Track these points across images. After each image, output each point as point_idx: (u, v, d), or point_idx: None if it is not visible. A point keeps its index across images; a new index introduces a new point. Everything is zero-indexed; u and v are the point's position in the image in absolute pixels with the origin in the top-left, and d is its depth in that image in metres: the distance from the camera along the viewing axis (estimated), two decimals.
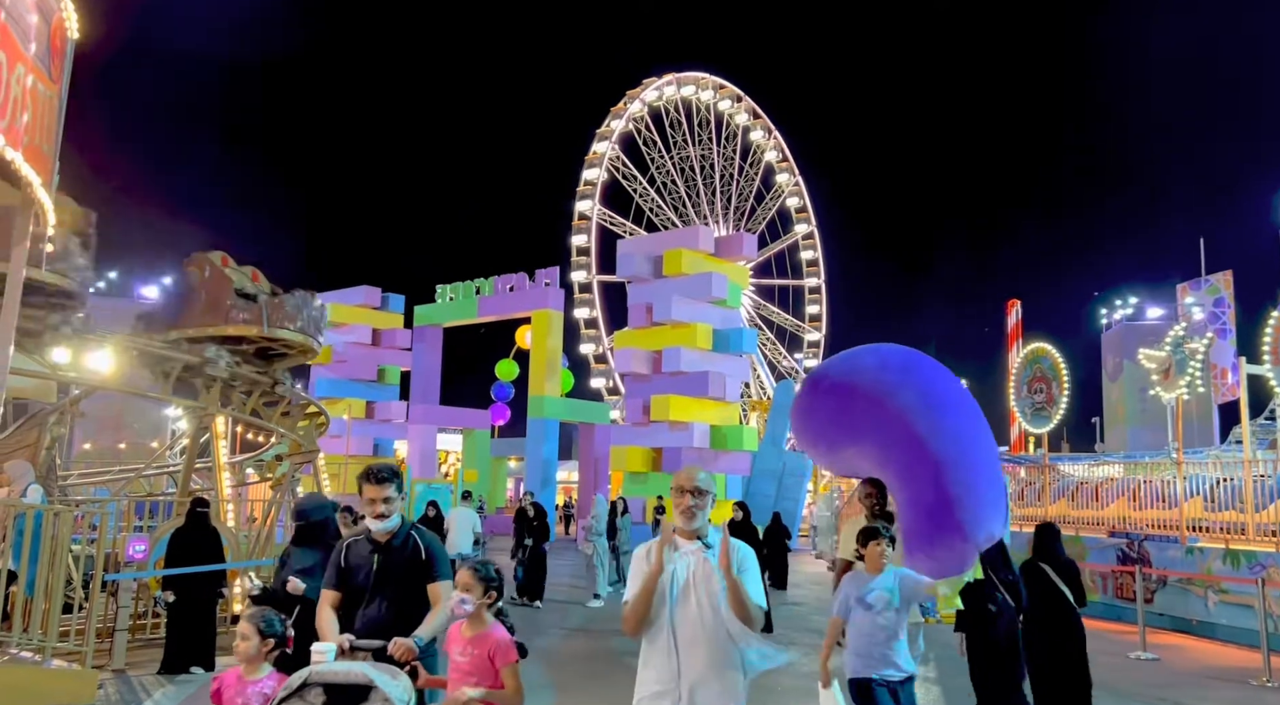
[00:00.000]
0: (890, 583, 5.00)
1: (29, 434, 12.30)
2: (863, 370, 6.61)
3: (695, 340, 29.64)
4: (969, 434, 6.28)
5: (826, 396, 6.69)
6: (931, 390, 6.37)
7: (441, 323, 38.03)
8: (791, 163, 53.55)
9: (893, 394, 6.23)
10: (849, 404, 6.39)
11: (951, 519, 5.83)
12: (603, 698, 8.27)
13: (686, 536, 3.55)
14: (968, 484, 5.95)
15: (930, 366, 6.66)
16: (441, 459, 42.96)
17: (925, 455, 5.99)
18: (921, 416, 6.08)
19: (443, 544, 4.52)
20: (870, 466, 6.29)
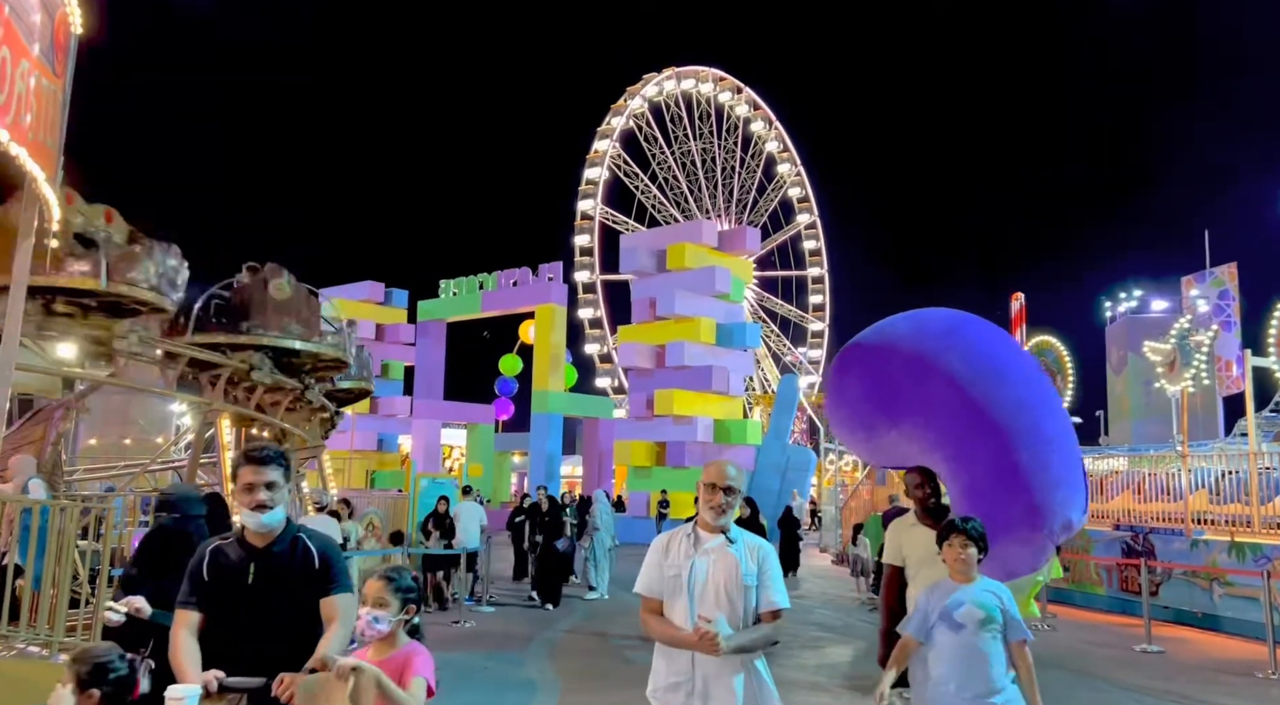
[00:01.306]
0: (985, 596, 4.00)
1: (34, 429, 12.33)
2: (898, 337, 5.44)
3: (698, 334, 29.64)
4: (1035, 401, 5.07)
5: (857, 372, 5.52)
6: (984, 352, 5.20)
7: (445, 318, 38.05)
8: (793, 153, 53.51)
9: (936, 360, 5.08)
10: (884, 378, 5.24)
11: (1020, 506, 4.71)
12: (607, 691, 8.29)
13: (710, 530, 3.52)
14: (1038, 461, 4.80)
15: (980, 326, 5.48)
16: (445, 454, 43.00)
17: (982, 430, 4.85)
18: (974, 384, 4.92)
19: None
20: (918, 452, 5.15)
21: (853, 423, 5.60)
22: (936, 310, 5.62)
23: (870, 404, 5.35)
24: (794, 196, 53.83)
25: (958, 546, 4.03)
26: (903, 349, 5.28)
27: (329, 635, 3.17)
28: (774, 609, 3.46)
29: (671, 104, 51.65)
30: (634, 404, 31.38)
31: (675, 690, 3.39)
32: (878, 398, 5.28)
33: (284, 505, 3.28)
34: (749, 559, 3.47)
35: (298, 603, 3.25)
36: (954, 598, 3.99)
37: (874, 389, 5.32)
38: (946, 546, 4.06)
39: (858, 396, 5.44)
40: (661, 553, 3.56)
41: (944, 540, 4.07)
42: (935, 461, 5.04)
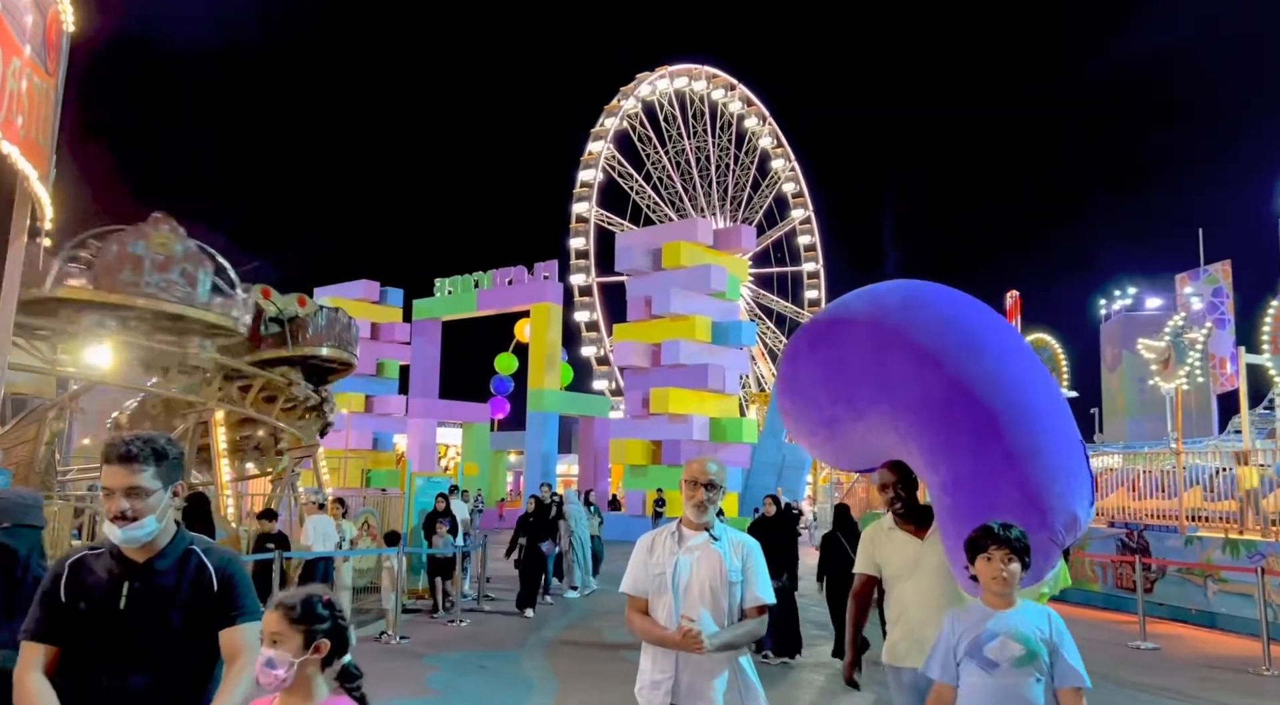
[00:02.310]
0: (1027, 625, 3.13)
1: (28, 429, 12.30)
2: (853, 313, 4.58)
3: (694, 333, 29.64)
4: (1019, 375, 4.16)
5: (810, 359, 4.63)
6: (953, 322, 4.31)
7: (440, 316, 38.01)
8: (786, 148, 53.54)
9: (899, 335, 4.23)
10: (842, 362, 4.40)
11: (1012, 501, 3.76)
12: (602, 689, 8.28)
13: (694, 527, 3.53)
14: (1029, 446, 3.89)
15: (946, 293, 4.60)
16: (441, 453, 42.96)
17: (959, 413, 3.98)
18: (944, 359, 4.10)
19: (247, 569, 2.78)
20: (891, 446, 4.30)
21: (811, 420, 4.67)
22: (896, 281, 4.76)
23: (829, 394, 4.46)
24: (788, 192, 53.89)
25: (998, 562, 3.15)
26: (859, 325, 4.43)
27: (229, 680, 2.49)
28: (759, 605, 3.47)
29: (665, 103, 51.67)
30: (630, 402, 31.37)
31: (659, 688, 3.39)
32: (838, 386, 4.41)
33: (161, 514, 2.54)
34: (733, 556, 3.47)
35: (187, 635, 2.52)
36: (988, 627, 3.14)
37: (832, 376, 4.45)
38: (982, 561, 3.18)
39: (813, 387, 4.57)
40: (646, 552, 3.56)
41: (978, 552, 3.19)
42: (911, 455, 4.19)
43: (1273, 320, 19.89)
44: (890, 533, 4.22)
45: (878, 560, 4.23)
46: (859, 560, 4.32)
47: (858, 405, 4.32)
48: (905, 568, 4.09)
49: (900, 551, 4.14)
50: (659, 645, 3.42)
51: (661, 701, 3.37)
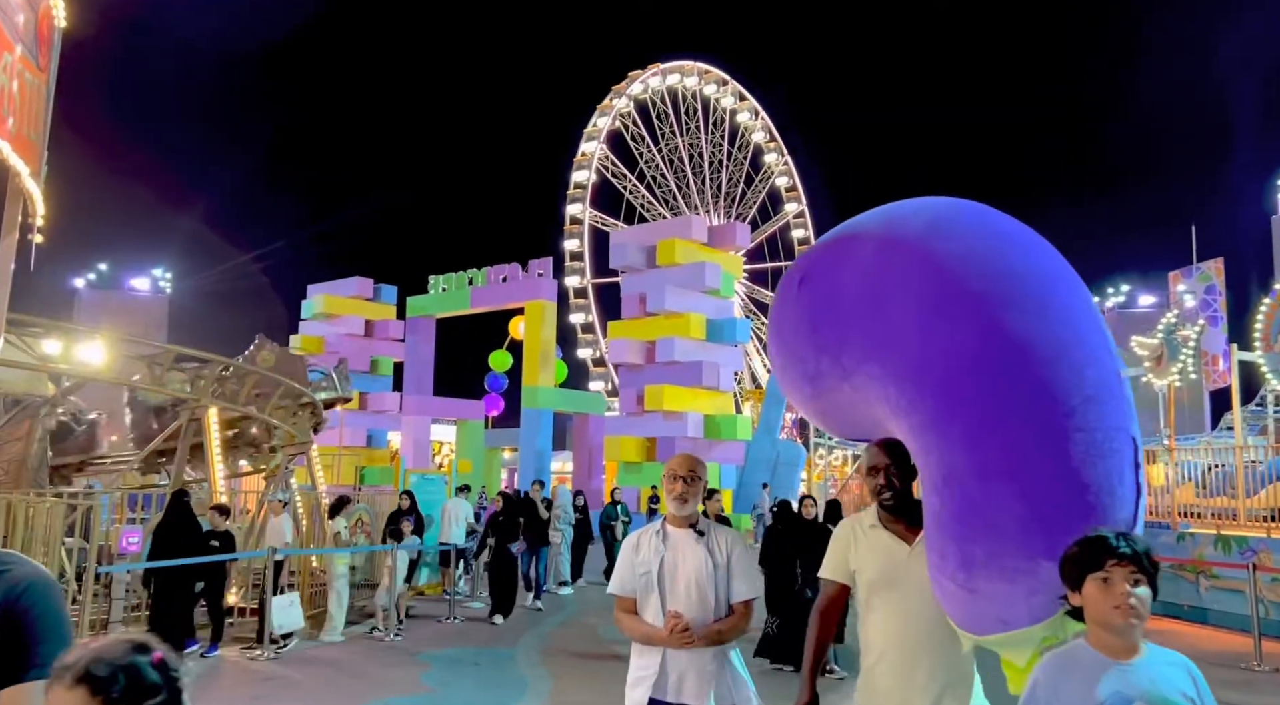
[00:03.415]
0: (1166, 682, 2.17)
1: (20, 426, 12.26)
2: (861, 234, 3.35)
3: (689, 330, 29.66)
4: (1084, 336, 2.89)
5: (801, 294, 3.47)
6: (1002, 258, 3.02)
7: (434, 313, 37.96)
8: (779, 142, 53.56)
9: (916, 267, 3.02)
10: (836, 299, 3.28)
11: (1018, 517, 2.74)
12: (596, 686, 8.29)
13: (678, 524, 3.54)
14: (1059, 446, 2.75)
15: (1002, 224, 3.21)
16: (435, 450, 42.93)
17: (971, 386, 2.83)
18: (966, 309, 2.88)
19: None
20: (883, 419, 3.24)
21: (794, 373, 3.55)
22: (927, 199, 3.39)
23: (813, 344, 3.36)
24: (782, 186, 53.92)
25: (1121, 583, 2.18)
26: (859, 256, 3.21)
27: None
28: (745, 599, 3.49)
29: (657, 101, 51.65)
30: (624, 399, 31.40)
31: (647, 684, 3.40)
32: (824, 334, 3.30)
33: None
34: (718, 551, 3.49)
35: None
36: (1110, 687, 2.14)
37: (819, 320, 3.33)
38: (1095, 584, 2.22)
39: (799, 332, 3.46)
40: (632, 551, 3.57)
41: (1086, 572, 2.24)
42: (903, 432, 3.10)
43: (1265, 317, 19.99)
44: (871, 531, 3.26)
45: (852, 566, 3.28)
46: (827, 563, 3.35)
47: (843, 361, 3.22)
48: (884, 578, 3.18)
49: (881, 556, 3.21)
50: (648, 642, 3.43)
51: (642, 697, 3.38)
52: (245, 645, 9.81)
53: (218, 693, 8.07)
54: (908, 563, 3.17)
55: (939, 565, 2.92)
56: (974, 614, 2.87)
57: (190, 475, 13.21)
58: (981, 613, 2.84)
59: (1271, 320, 19.87)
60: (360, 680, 8.59)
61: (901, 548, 3.21)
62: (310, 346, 36.42)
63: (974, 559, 2.78)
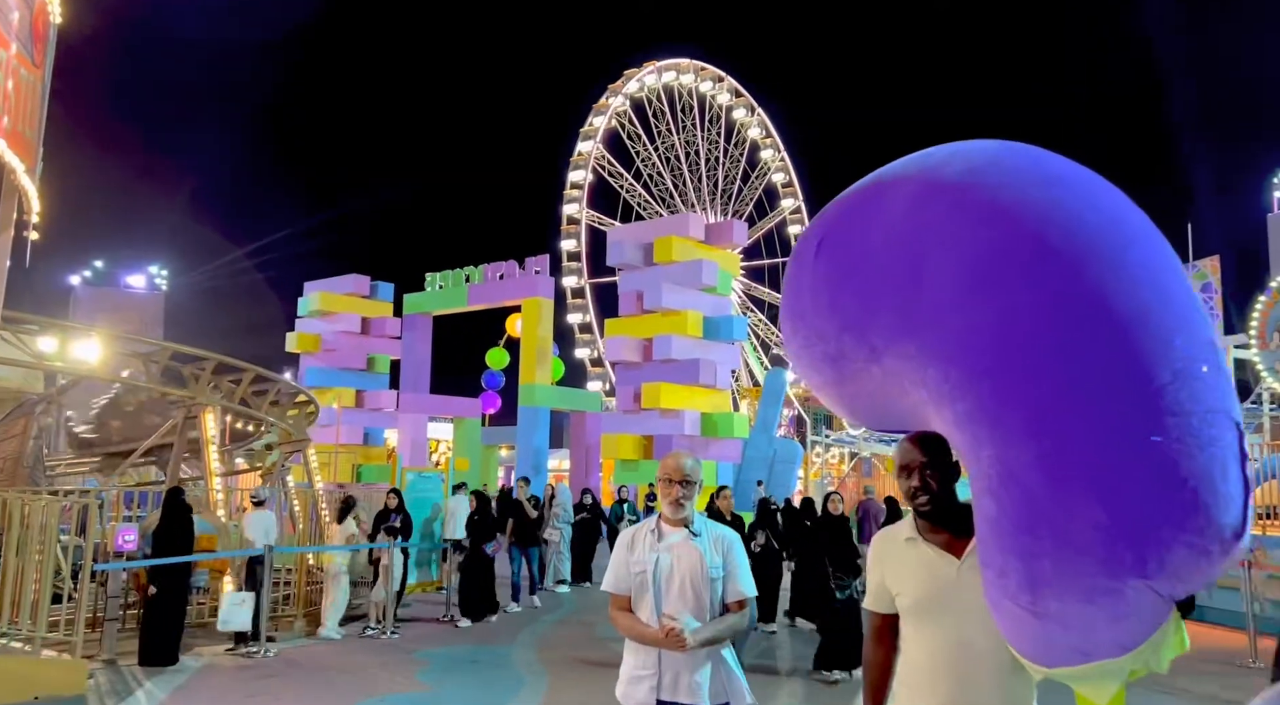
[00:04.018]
0: None
1: (15, 424, 12.24)
2: (892, 190, 2.74)
3: (686, 328, 29.66)
4: (1161, 275, 2.37)
5: (819, 262, 2.90)
6: (1065, 210, 2.41)
7: (431, 311, 37.93)
8: (776, 138, 53.53)
9: (954, 222, 2.49)
10: (861, 265, 2.72)
11: (1100, 524, 2.23)
12: (592, 683, 8.29)
13: (673, 523, 3.54)
14: (1149, 443, 2.19)
15: (1057, 168, 2.61)
16: (432, 448, 42.89)
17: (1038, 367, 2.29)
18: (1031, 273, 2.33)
19: None
20: (917, 408, 2.70)
21: (813, 354, 2.96)
22: (962, 143, 2.80)
23: (837, 320, 2.78)
24: (778, 182, 53.91)
25: None
26: (889, 212, 2.66)
27: None
28: (740, 599, 3.48)
29: (653, 99, 51.58)
30: (621, 397, 31.39)
31: (639, 683, 3.40)
32: (848, 307, 2.74)
33: None
34: (713, 551, 3.48)
35: None
36: None
37: (841, 291, 2.77)
38: None
39: (817, 306, 2.86)
40: (626, 549, 3.56)
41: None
42: (946, 423, 2.55)
43: (1260, 315, 20.02)
44: (909, 545, 2.71)
45: (892, 588, 2.73)
46: (870, 590, 2.84)
47: (872, 339, 2.66)
48: (929, 601, 2.62)
49: (923, 574, 2.64)
50: (642, 642, 3.43)
51: (645, 697, 3.38)
52: (243, 644, 9.80)
53: (213, 691, 8.06)
54: (957, 581, 2.58)
55: (998, 584, 2.36)
56: (1043, 642, 2.34)
57: (186, 472, 13.20)
58: (1053, 641, 2.32)
59: (1267, 317, 19.91)
60: (356, 678, 8.59)
61: (948, 563, 2.62)
62: (307, 344, 36.38)
63: (1042, 576, 2.24)
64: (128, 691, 7.92)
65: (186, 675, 8.53)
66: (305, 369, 36.16)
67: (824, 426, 41.65)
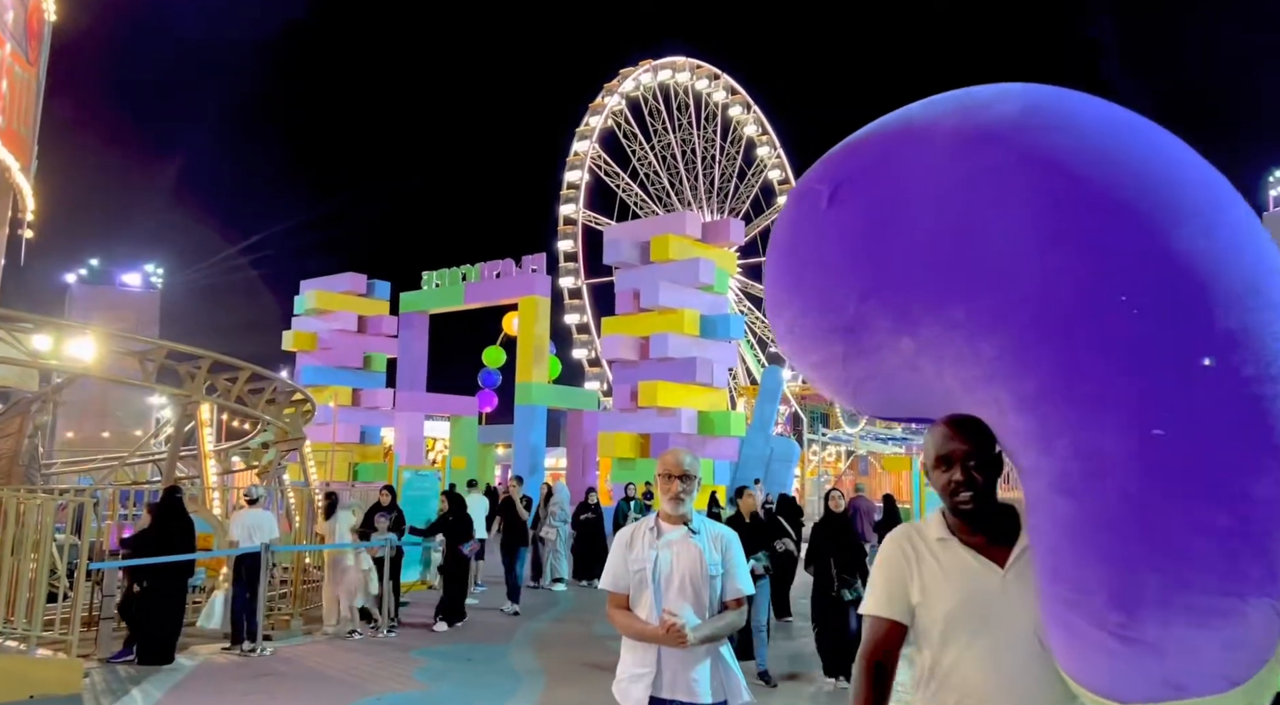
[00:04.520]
0: None
1: (11, 422, 12.21)
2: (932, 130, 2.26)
3: (682, 326, 29.66)
4: (1256, 237, 2.00)
5: (834, 211, 2.37)
6: (1122, 135, 2.12)
7: (427, 309, 37.90)
8: (772, 135, 53.57)
9: (1027, 167, 2.04)
10: (893, 217, 2.23)
11: (1223, 531, 1.81)
12: (589, 682, 8.30)
13: (672, 521, 3.53)
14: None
15: (1122, 117, 2.24)
16: (429, 446, 42.88)
17: (1163, 305, 1.85)
18: (1118, 230, 1.91)
19: None
20: (954, 390, 2.25)
21: (815, 325, 2.47)
22: (1000, 85, 2.42)
23: (858, 283, 2.32)
24: (774, 179, 53.96)
25: None
26: (929, 153, 2.22)
27: None
28: (739, 597, 3.48)
29: (649, 98, 51.57)
30: (618, 396, 31.39)
31: (638, 681, 3.40)
32: (876, 268, 2.28)
33: None
34: (712, 549, 3.48)
35: None
36: None
37: (865, 249, 2.30)
38: None
39: (830, 266, 2.39)
40: (625, 547, 3.56)
41: None
42: (998, 410, 2.16)
43: None
44: (941, 547, 2.32)
45: (914, 597, 2.31)
46: (875, 595, 2.38)
47: (907, 306, 2.22)
48: (969, 613, 2.23)
49: (961, 582, 2.25)
50: (641, 640, 3.42)
51: (644, 695, 3.37)
52: (240, 643, 9.79)
53: (209, 690, 8.06)
54: (1002, 592, 2.20)
55: (1072, 601, 1.96)
56: (1125, 673, 1.95)
57: (182, 471, 13.18)
58: (1140, 671, 1.93)
59: None
60: (352, 677, 8.58)
61: (990, 571, 2.22)
62: (303, 342, 36.35)
63: (1142, 593, 1.86)
64: (123, 690, 7.91)
65: (182, 674, 8.52)
66: (301, 367, 36.12)
67: (820, 425, 41.68)
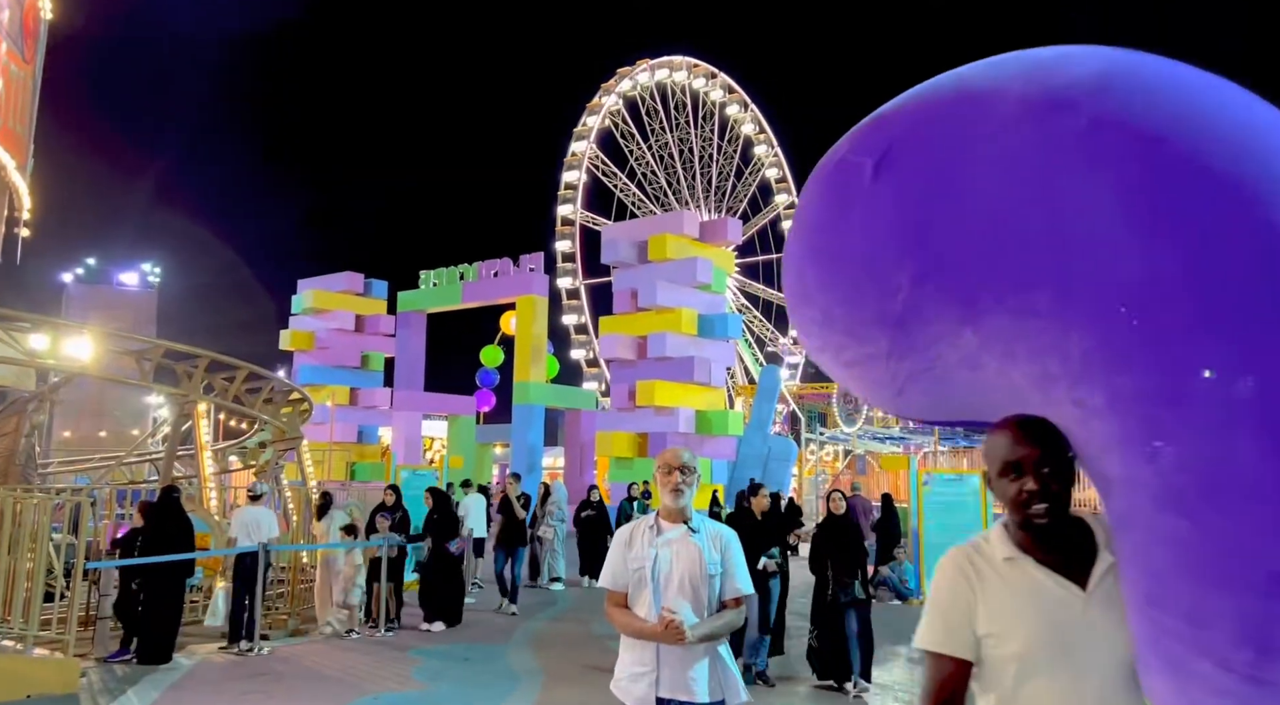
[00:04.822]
0: None
1: (8, 421, 12.19)
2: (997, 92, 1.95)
3: (680, 325, 29.67)
4: None
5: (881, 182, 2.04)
6: (1212, 100, 1.87)
7: (425, 308, 37.88)
8: (769, 134, 53.59)
9: (1123, 133, 1.75)
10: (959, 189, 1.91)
11: None
12: (587, 681, 8.29)
13: (672, 519, 3.52)
14: None
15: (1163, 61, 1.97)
16: (426, 446, 42.86)
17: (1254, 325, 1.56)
18: (1231, 175, 1.65)
19: None
20: (1052, 377, 1.85)
21: (856, 310, 2.15)
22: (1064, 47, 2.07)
23: (910, 264, 2.01)
24: (772, 177, 53.96)
25: None
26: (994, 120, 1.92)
27: None
28: (738, 596, 3.48)
29: (647, 97, 51.57)
30: (616, 395, 31.40)
31: (638, 680, 3.39)
32: (930, 247, 1.99)
33: None
34: (712, 548, 3.47)
35: None
36: None
37: (923, 226, 1.99)
38: None
39: (871, 245, 2.08)
40: (624, 545, 3.55)
41: None
42: (1069, 407, 1.88)
43: None
44: (1009, 567, 1.98)
45: (980, 628, 1.97)
46: (932, 626, 2.03)
47: (973, 293, 1.92)
48: (1049, 643, 1.90)
49: (1037, 608, 1.92)
50: (640, 638, 3.42)
51: (643, 694, 3.37)
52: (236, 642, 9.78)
53: (206, 690, 8.05)
54: (1084, 618, 1.88)
55: (1182, 633, 1.70)
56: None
57: (179, 470, 13.17)
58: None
59: None
60: (350, 676, 8.58)
61: (1070, 594, 1.90)
62: (300, 342, 36.33)
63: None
64: (120, 690, 7.90)
65: (179, 674, 8.51)
66: (299, 367, 36.10)
67: (818, 424, 41.69)
